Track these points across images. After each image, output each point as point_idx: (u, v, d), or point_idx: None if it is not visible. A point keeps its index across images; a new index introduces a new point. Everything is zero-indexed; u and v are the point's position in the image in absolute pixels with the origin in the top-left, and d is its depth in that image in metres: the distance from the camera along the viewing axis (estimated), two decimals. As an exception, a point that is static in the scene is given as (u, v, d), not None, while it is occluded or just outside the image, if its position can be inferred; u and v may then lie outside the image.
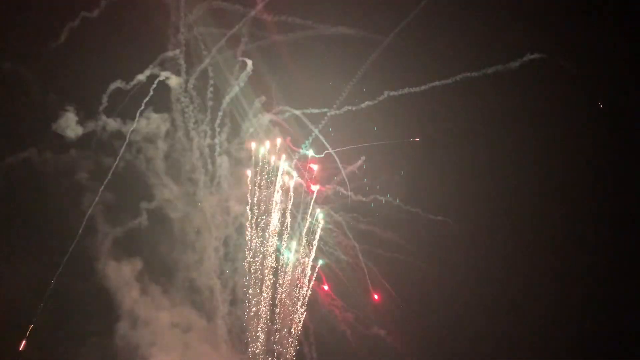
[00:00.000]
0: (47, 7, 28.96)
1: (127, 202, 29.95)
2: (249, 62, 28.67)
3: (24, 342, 27.54)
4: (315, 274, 30.13)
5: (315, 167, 29.45)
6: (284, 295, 30.11)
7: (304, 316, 30.11)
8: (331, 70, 28.92)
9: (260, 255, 30.00)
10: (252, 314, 29.72)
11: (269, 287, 30.18)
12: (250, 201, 29.39)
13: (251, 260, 29.88)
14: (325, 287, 30.71)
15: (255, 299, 29.90)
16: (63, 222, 28.72)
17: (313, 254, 29.97)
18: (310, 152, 29.34)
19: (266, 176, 29.43)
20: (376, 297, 30.43)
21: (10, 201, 28.67)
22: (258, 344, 29.54)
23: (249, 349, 29.54)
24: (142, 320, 29.00)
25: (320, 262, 30.14)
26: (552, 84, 26.30)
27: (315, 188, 29.43)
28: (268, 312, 29.90)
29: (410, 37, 27.09)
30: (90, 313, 28.49)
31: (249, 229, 29.59)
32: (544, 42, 25.33)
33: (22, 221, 28.93)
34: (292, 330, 30.03)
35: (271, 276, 30.24)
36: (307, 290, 30.19)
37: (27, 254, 28.02)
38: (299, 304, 30.18)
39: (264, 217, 29.50)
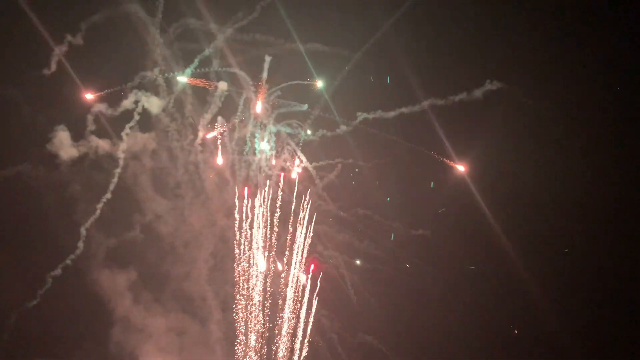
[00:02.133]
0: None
1: (120, 216, 31.60)
2: (224, 85, 28.89)
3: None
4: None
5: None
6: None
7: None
8: (305, 86, 28.98)
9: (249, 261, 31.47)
10: (242, 320, 31.49)
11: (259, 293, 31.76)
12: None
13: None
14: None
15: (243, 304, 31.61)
16: (59, 234, 30.49)
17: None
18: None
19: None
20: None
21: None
22: (248, 350, 31.39)
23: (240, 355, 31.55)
24: (137, 327, 31.26)
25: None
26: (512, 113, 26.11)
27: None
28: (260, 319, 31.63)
29: (382, 55, 26.88)
30: (86, 320, 30.55)
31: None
32: (507, 72, 24.94)
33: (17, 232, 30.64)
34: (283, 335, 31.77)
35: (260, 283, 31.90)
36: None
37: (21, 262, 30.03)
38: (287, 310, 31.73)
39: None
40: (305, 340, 31.12)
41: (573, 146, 27.08)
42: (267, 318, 31.12)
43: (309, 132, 29.28)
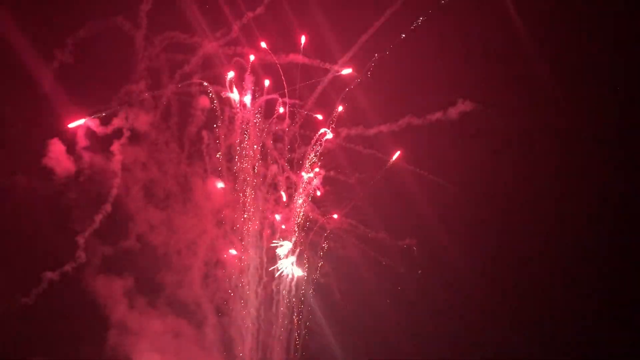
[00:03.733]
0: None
1: (116, 226, 32.48)
2: (206, 99, 29.16)
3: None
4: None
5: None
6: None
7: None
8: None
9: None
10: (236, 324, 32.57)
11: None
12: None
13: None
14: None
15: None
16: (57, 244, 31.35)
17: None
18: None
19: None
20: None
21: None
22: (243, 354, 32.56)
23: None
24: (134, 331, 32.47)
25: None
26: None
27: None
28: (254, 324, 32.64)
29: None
30: (84, 323, 31.54)
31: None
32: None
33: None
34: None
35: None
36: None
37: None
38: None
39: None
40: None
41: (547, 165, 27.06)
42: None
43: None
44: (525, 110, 26.39)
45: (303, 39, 27.27)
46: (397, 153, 27.16)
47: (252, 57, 28.74)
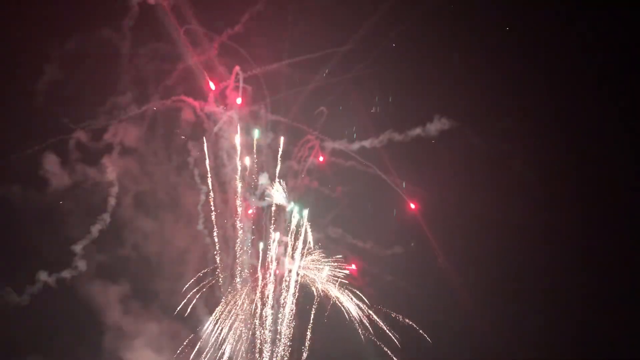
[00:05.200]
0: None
1: (112, 235, 33.18)
2: (190, 112, 29.32)
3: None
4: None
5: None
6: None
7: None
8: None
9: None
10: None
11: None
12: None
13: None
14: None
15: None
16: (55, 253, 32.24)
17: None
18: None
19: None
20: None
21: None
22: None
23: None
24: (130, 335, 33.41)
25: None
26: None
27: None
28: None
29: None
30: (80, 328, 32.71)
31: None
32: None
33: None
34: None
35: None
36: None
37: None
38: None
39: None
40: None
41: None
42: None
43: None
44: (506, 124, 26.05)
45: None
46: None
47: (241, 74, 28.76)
